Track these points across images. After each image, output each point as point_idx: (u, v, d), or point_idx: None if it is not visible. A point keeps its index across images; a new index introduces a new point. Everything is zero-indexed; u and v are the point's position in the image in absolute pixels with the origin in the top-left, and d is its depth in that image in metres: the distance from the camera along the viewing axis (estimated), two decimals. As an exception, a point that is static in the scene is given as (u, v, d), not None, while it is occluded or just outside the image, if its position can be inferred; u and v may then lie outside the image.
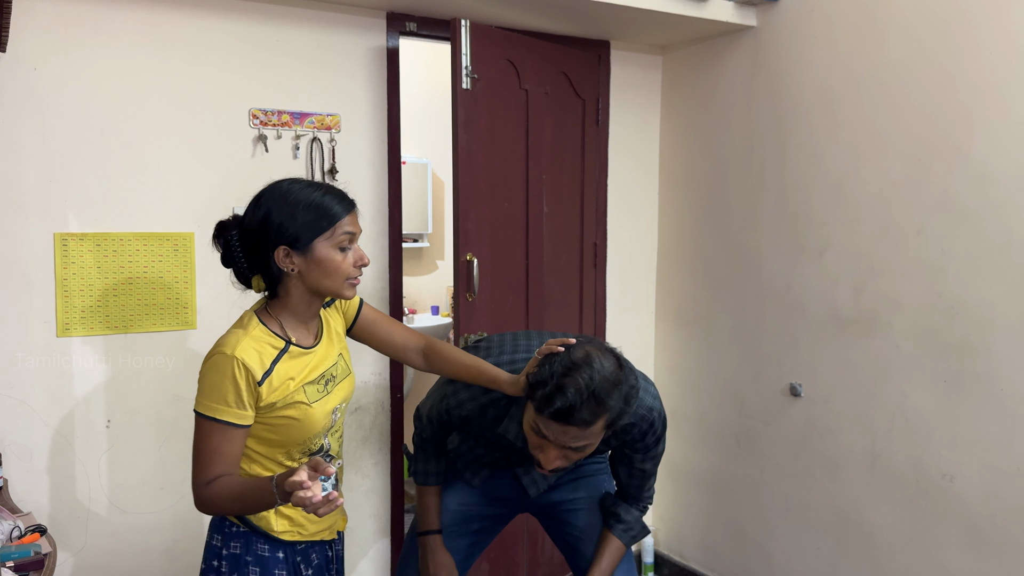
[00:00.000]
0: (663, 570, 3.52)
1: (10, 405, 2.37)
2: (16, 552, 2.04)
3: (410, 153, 4.24)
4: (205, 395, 1.54)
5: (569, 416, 1.53)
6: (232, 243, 1.62)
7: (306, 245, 1.57)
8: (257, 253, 1.60)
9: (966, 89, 2.34)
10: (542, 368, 1.57)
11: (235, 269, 1.65)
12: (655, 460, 1.89)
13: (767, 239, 2.97)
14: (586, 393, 1.52)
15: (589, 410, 1.53)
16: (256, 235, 1.58)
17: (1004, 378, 2.29)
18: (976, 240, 2.34)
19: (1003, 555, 2.32)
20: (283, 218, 1.56)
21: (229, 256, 1.64)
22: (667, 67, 3.42)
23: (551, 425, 1.56)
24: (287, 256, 1.57)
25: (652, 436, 1.81)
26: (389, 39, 2.83)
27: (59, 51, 2.37)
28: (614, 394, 1.55)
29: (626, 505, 1.97)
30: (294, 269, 1.58)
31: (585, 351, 1.58)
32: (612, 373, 1.56)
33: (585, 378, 1.53)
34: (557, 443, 1.59)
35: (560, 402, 1.52)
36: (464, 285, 2.74)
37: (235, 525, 1.64)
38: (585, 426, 1.55)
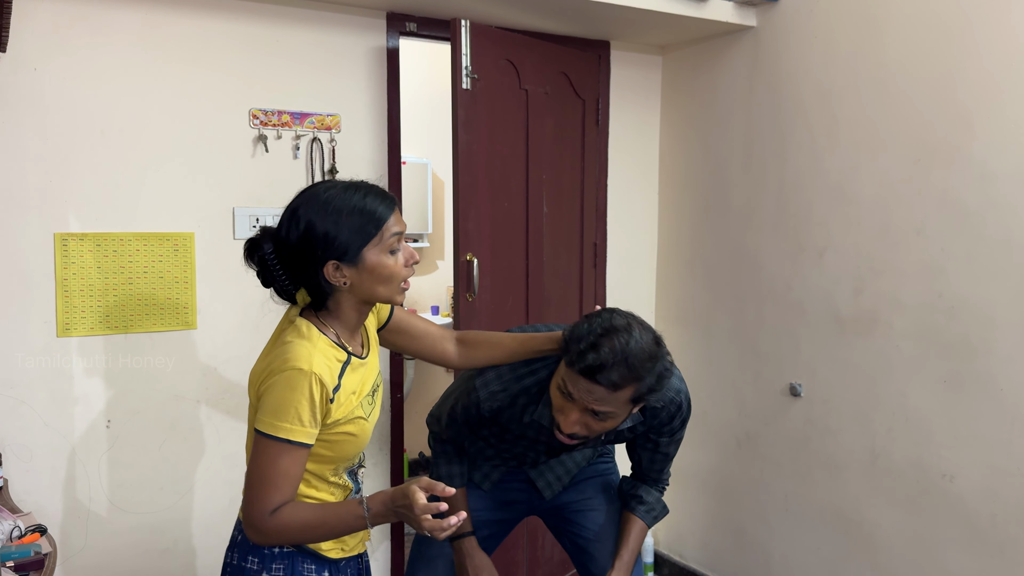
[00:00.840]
0: (663, 570, 3.52)
1: (10, 405, 2.37)
2: (16, 552, 2.03)
3: (410, 153, 4.24)
4: (275, 414, 1.39)
5: (598, 373, 1.53)
6: (269, 260, 1.47)
7: (356, 255, 1.44)
8: (301, 269, 1.46)
9: (966, 89, 2.34)
10: (581, 325, 1.58)
11: (276, 288, 1.51)
12: (678, 443, 1.92)
13: (767, 239, 2.97)
14: (620, 355, 1.52)
15: (619, 373, 1.53)
16: (299, 251, 1.44)
17: (1004, 378, 2.29)
18: (976, 240, 2.34)
19: (1003, 555, 2.32)
20: (328, 230, 1.42)
21: (267, 275, 1.50)
22: (667, 67, 3.42)
23: (580, 382, 1.56)
24: (337, 270, 1.44)
25: (679, 419, 1.83)
26: (389, 39, 2.83)
27: (59, 51, 2.37)
28: (647, 367, 1.55)
29: (646, 487, 1.98)
30: (346, 283, 1.46)
31: (627, 320, 1.59)
32: (649, 347, 1.57)
33: (622, 342, 1.53)
34: (581, 403, 1.58)
35: (592, 358, 1.52)
36: (464, 285, 2.74)
37: (277, 545, 1.50)
38: (613, 389, 1.54)
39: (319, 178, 2.73)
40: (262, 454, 1.41)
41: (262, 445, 1.41)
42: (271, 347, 1.53)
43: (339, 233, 1.43)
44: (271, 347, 1.53)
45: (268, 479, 1.41)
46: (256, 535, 1.44)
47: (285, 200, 2.80)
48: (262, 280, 1.52)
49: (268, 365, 1.45)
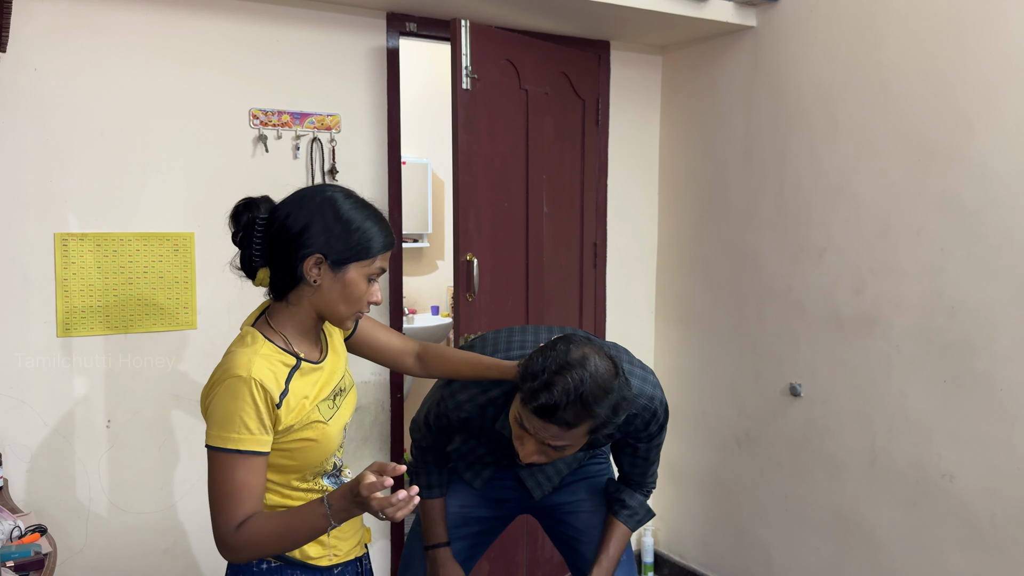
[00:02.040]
0: (663, 570, 3.52)
1: (10, 405, 2.38)
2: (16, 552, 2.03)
3: (410, 153, 4.24)
4: (221, 426, 1.37)
5: (552, 414, 1.51)
6: (256, 225, 1.47)
7: (342, 264, 1.45)
8: (282, 250, 1.46)
9: (966, 89, 2.34)
10: (535, 360, 1.54)
11: (245, 254, 1.50)
12: (658, 448, 1.90)
13: (767, 239, 2.97)
14: (573, 395, 1.49)
15: (573, 412, 1.51)
16: (291, 234, 1.44)
17: (1004, 378, 2.29)
18: (976, 240, 2.34)
19: (1003, 555, 2.32)
20: (330, 230, 1.44)
21: (246, 238, 1.48)
22: (667, 67, 3.42)
23: (533, 420, 1.54)
24: (316, 267, 1.45)
25: (656, 425, 1.82)
26: (389, 39, 2.83)
27: (59, 51, 2.37)
28: (602, 402, 1.52)
29: (630, 490, 1.97)
30: (317, 282, 1.46)
31: (583, 352, 1.54)
32: (605, 380, 1.53)
33: (576, 379, 1.50)
34: (537, 438, 1.57)
35: (545, 398, 1.50)
36: (464, 285, 2.74)
37: (265, 561, 1.49)
38: (567, 427, 1.53)
39: (319, 178, 2.74)
40: (217, 469, 1.38)
41: (215, 461, 1.38)
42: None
43: (339, 238, 1.45)
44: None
45: (226, 494, 1.37)
46: (229, 553, 1.41)
47: (285, 200, 2.79)
48: (238, 241, 1.50)
49: (210, 378, 1.44)
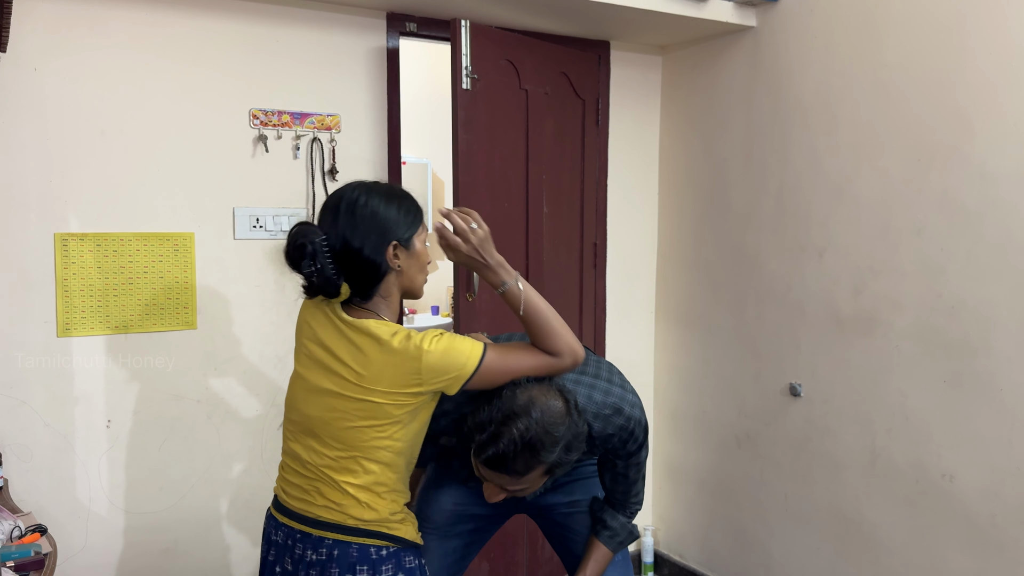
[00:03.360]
0: (663, 570, 3.52)
1: (10, 405, 2.38)
2: (16, 552, 2.03)
3: (410, 153, 4.24)
4: (462, 352, 1.54)
5: (502, 466, 1.54)
6: (321, 250, 1.52)
7: (410, 240, 1.59)
8: (361, 253, 1.54)
9: (966, 89, 2.34)
10: (482, 411, 1.56)
11: (324, 277, 1.53)
12: (638, 466, 1.87)
13: (767, 239, 2.97)
14: (520, 444, 1.51)
15: (523, 461, 1.53)
16: (364, 234, 1.54)
17: (1004, 378, 2.29)
18: (976, 240, 2.34)
19: (1003, 555, 2.32)
20: (391, 213, 1.56)
21: (320, 264, 1.52)
22: (667, 67, 3.42)
23: (484, 469, 1.58)
24: (395, 251, 1.57)
25: (633, 444, 1.81)
26: (389, 39, 2.83)
27: (59, 51, 2.37)
28: (551, 447, 1.54)
29: (612, 511, 1.95)
30: (399, 266, 1.58)
31: (529, 396, 1.56)
32: (552, 423, 1.54)
33: (521, 428, 1.51)
34: (494, 483, 1.61)
35: (492, 451, 1.53)
36: (464, 285, 2.74)
37: (383, 548, 1.60)
38: (518, 476, 1.56)
39: (319, 178, 2.74)
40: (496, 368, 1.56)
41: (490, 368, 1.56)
42: (339, 339, 1.57)
43: (400, 217, 1.57)
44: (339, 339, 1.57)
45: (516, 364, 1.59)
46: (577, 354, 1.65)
47: (285, 200, 2.82)
48: (311, 273, 1.54)
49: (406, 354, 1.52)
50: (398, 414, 1.55)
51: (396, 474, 1.62)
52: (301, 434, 1.65)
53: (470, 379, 1.55)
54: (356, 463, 1.58)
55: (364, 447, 1.57)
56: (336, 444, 1.59)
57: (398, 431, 1.58)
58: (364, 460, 1.58)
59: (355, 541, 1.59)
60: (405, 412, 1.56)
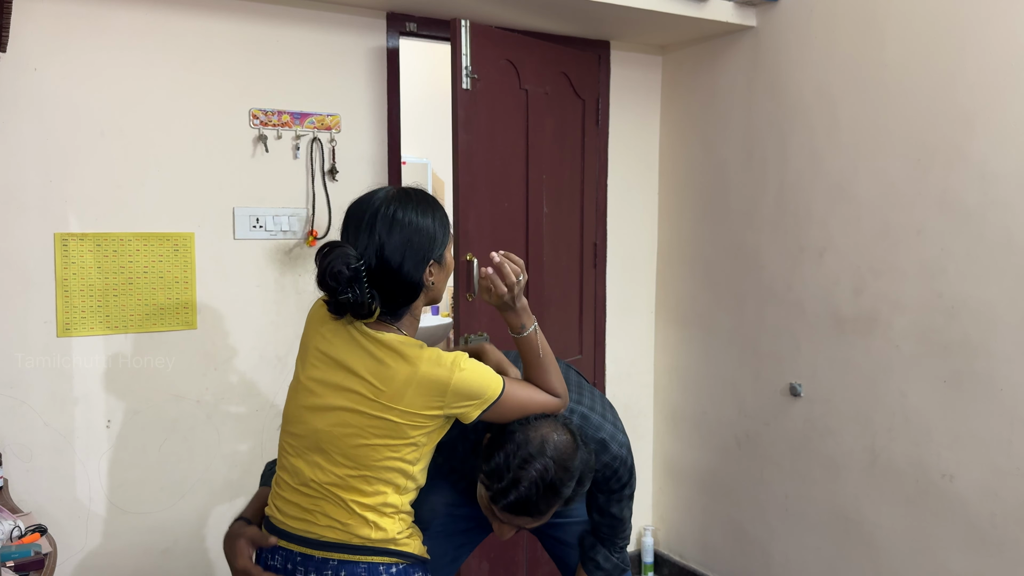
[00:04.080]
0: (663, 570, 3.52)
1: (10, 405, 2.38)
2: (16, 552, 2.03)
3: (410, 153, 4.23)
4: (488, 381, 1.53)
5: (525, 510, 1.53)
6: (362, 275, 1.46)
7: (442, 254, 1.55)
8: (400, 275, 1.49)
9: (966, 89, 2.34)
10: (497, 456, 1.54)
11: (360, 301, 1.47)
12: (621, 505, 1.86)
13: (767, 239, 2.97)
14: (542, 486, 1.51)
15: (545, 502, 1.54)
16: (402, 260, 1.48)
17: (1004, 378, 2.29)
18: (976, 240, 2.34)
19: (1003, 555, 2.32)
20: (431, 233, 1.52)
21: (358, 290, 1.46)
22: (667, 67, 3.42)
23: (504, 514, 1.56)
24: (430, 271, 1.53)
25: (616, 482, 1.80)
26: (389, 39, 2.83)
27: (59, 51, 2.37)
28: (568, 482, 1.55)
29: (606, 552, 1.93)
30: (433, 282, 1.55)
31: (540, 434, 1.55)
32: (567, 458, 1.55)
33: (540, 469, 1.51)
34: (511, 524, 1.60)
35: (515, 496, 1.52)
36: (464, 285, 2.74)
37: (392, 566, 1.55)
38: (540, 516, 1.56)
39: (319, 178, 2.74)
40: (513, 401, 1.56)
41: (507, 400, 1.55)
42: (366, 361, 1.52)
43: (436, 229, 1.53)
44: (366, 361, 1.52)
45: (527, 400, 1.58)
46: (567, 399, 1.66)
47: (285, 200, 2.82)
48: (347, 298, 1.47)
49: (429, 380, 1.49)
50: (414, 435, 1.51)
51: (405, 496, 1.57)
52: (306, 450, 1.56)
53: (487, 410, 1.53)
54: (366, 482, 1.52)
55: (375, 466, 1.52)
56: (345, 462, 1.52)
57: (411, 453, 1.53)
58: (374, 479, 1.52)
59: (363, 560, 1.53)
60: (421, 434, 1.52)
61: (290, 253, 2.72)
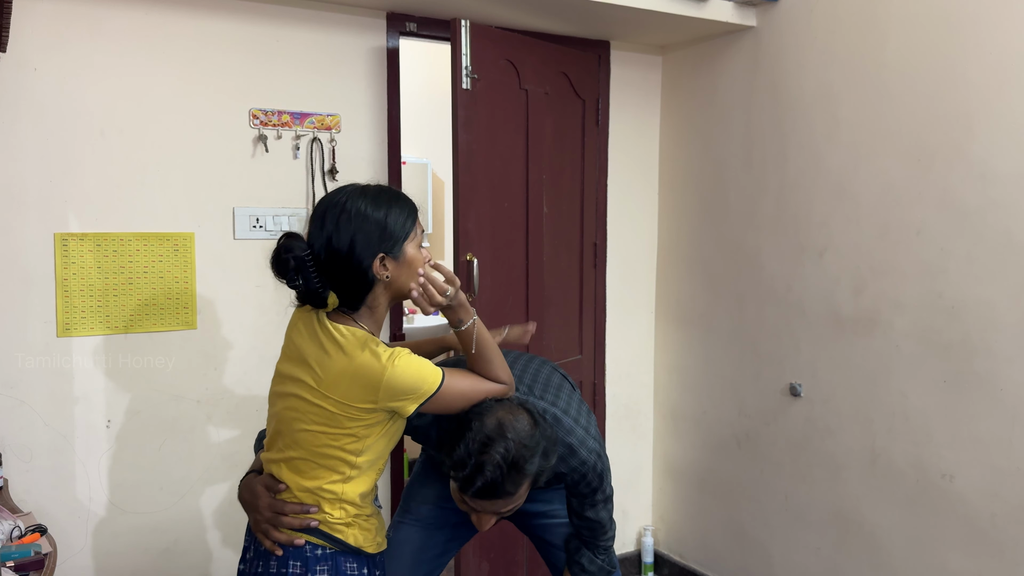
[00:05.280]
0: (663, 570, 3.52)
1: (10, 405, 2.38)
2: (16, 552, 2.04)
3: (410, 153, 4.23)
4: (423, 376, 1.54)
5: (494, 492, 1.55)
6: (307, 264, 1.52)
7: (399, 249, 1.55)
8: (346, 267, 1.52)
9: (966, 89, 2.34)
10: (458, 447, 1.56)
11: (308, 289, 1.54)
12: (596, 508, 1.86)
13: (767, 239, 2.97)
14: (506, 467, 1.53)
15: (512, 481, 1.55)
16: (349, 248, 1.51)
17: (1004, 378, 2.29)
18: (976, 240, 2.34)
19: (1003, 555, 2.32)
20: (377, 225, 1.52)
21: (304, 277, 1.52)
22: (667, 67, 3.42)
23: (477, 502, 1.58)
24: (383, 264, 1.54)
25: (586, 486, 1.80)
26: (389, 39, 2.83)
27: (59, 51, 2.37)
28: (532, 459, 1.57)
29: (590, 555, 1.94)
30: (388, 276, 1.55)
31: (497, 419, 1.57)
32: (527, 437, 1.57)
33: (501, 451, 1.53)
34: (487, 511, 1.61)
35: (481, 481, 1.53)
36: (464, 285, 2.74)
37: (318, 547, 1.59)
38: (510, 496, 1.57)
39: (319, 178, 2.74)
40: (451, 393, 1.58)
41: (446, 392, 1.57)
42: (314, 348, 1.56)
43: (387, 228, 1.53)
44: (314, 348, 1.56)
45: (468, 389, 1.61)
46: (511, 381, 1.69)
47: (285, 200, 2.82)
48: (297, 283, 1.54)
49: (363, 374, 1.51)
50: (351, 427, 1.54)
51: (348, 485, 1.59)
52: (272, 425, 1.67)
53: (425, 403, 1.55)
54: (307, 464, 1.58)
55: (315, 451, 1.57)
56: (292, 444, 1.59)
57: (351, 443, 1.56)
58: (314, 464, 1.58)
59: (297, 537, 1.60)
60: (360, 426, 1.55)
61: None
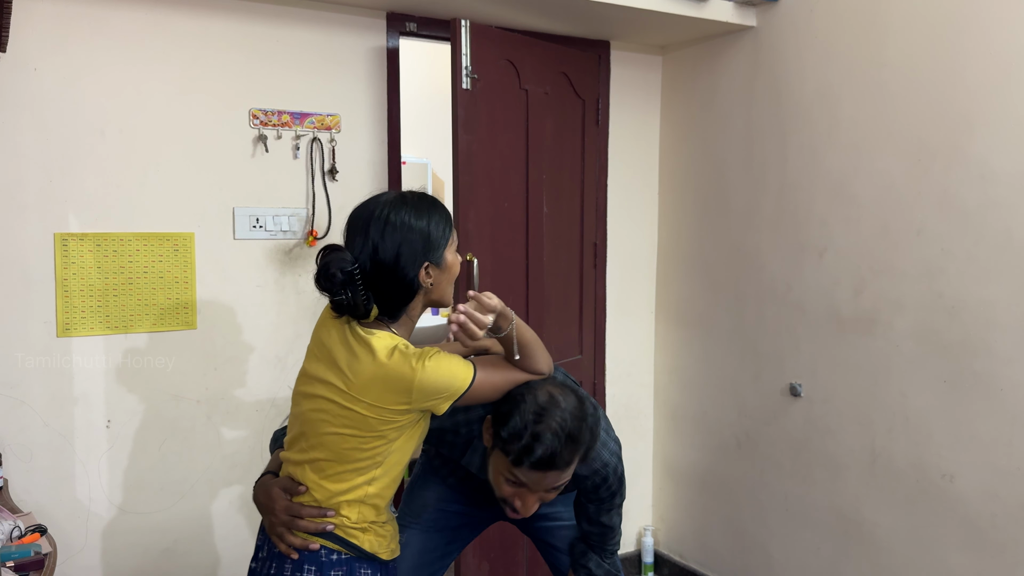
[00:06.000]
0: (663, 570, 3.52)
1: (10, 405, 2.38)
2: (16, 552, 2.04)
3: (410, 153, 4.23)
4: (456, 373, 1.53)
5: (552, 463, 1.54)
6: (356, 279, 1.51)
7: (441, 256, 1.56)
8: (391, 282, 1.52)
9: (966, 89, 2.34)
10: (512, 419, 1.56)
11: (356, 303, 1.52)
12: (611, 513, 1.87)
13: (767, 239, 2.97)
14: (563, 436, 1.53)
15: (568, 451, 1.55)
16: (392, 266, 1.51)
17: (1004, 378, 2.29)
18: (976, 240, 2.34)
19: (1003, 555, 2.32)
20: (422, 234, 1.53)
21: (352, 292, 1.51)
22: (667, 67, 3.42)
23: (531, 474, 1.57)
24: (427, 272, 1.55)
25: (606, 490, 1.80)
26: (389, 39, 2.83)
27: (59, 51, 2.37)
28: (584, 430, 1.58)
29: (597, 559, 1.94)
30: (432, 284, 1.56)
31: (548, 392, 1.59)
32: (576, 408, 1.58)
33: (559, 420, 1.54)
34: (536, 489, 1.60)
35: (541, 451, 1.53)
36: (464, 285, 2.74)
37: (334, 552, 1.58)
38: (566, 467, 1.57)
39: (319, 178, 2.74)
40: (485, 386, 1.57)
41: (478, 387, 1.56)
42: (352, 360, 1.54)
43: (432, 230, 1.54)
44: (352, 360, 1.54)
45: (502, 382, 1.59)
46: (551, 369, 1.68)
47: (285, 200, 2.82)
48: (343, 299, 1.51)
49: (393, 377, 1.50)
50: (382, 429, 1.54)
51: (369, 488, 1.59)
52: (296, 426, 1.66)
53: (460, 399, 1.55)
54: (332, 466, 1.58)
55: (342, 455, 1.57)
56: (318, 445, 1.59)
57: (380, 446, 1.56)
58: (339, 467, 1.58)
59: (312, 540, 1.59)
60: (391, 428, 1.54)
61: (290, 253, 2.72)
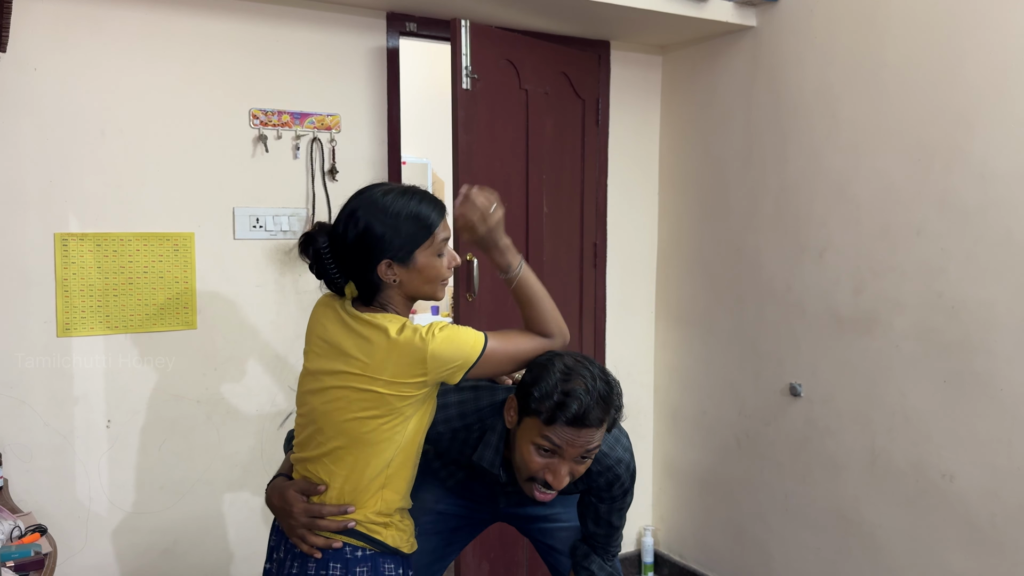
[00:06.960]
0: (663, 570, 3.52)
1: (10, 405, 2.38)
2: (16, 552, 2.04)
3: (410, 153, 4.23)
4: (467, 342, 1.56)
5: (586, 418, 1.54)
6: (323, 254, 1.60)
7: (408, 256, 1.58)
8: (354, 265, 1.59)
9: (965, 89, 2.34)
10: (543, 381, 1.57)
11: (327, 280, 1.63)
12: (621, 512, 1.86)
13: (767, 239, 2.97)
14: (594, 391, 1.55)
15: (600, 408, 1.56)
16: (355, 249, 1.57)
17: (1004, 378, 2.29)
18: (976, 240, 2.34)
19: (1003, 555, 2.32)
20: (385, 232, 1.55)
21: (321, 267, 1.62)
22: (667, 67, 3.42)
23: (565, 433, 1.56)
24: (389, 268, 1.58)
25: (619, 488, 1.80)
26: (389, 39, 2.83)
27: (59, 51, 2.37)
28: (612, 393, 1.60)
29: (600, 561, 1.93)
30: (396, 280, 1.59)
31: (573, 357, 1.62)
32: (603, 371, 1.62)
33: (588, 376, 1.57)
34: (571, 451, 1.58)
35: (576, 407, 1.53)
36: (464, 285, 2.74)
37: (358, 549, 1.61)
38: (599, 425, 1.57)
39: (319, 178, 2.74)
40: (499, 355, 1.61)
41: (492, 355, 1.60)
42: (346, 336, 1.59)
43: (395, 236, 1.56)
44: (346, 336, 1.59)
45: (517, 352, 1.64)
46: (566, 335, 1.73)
47: (285, 200, 2.82)
48: (315, 271, 1.63)
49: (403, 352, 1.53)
50: (400, 405, 1.56)
51: (391, 471, 1.61)
52: (308, 425, 1.66)
53: (473, 367, 1.57)
54: (352, 453, 1.59)
55: (363, 439, 1.58)
56: (337, 435, 1.60)
57: (399, 424, 1.58)
58: (359, 452, 1.59)
59: (335, 538, 1.61)
60: (408, 404, 1.57)
61: (290, 253, 2.72)
